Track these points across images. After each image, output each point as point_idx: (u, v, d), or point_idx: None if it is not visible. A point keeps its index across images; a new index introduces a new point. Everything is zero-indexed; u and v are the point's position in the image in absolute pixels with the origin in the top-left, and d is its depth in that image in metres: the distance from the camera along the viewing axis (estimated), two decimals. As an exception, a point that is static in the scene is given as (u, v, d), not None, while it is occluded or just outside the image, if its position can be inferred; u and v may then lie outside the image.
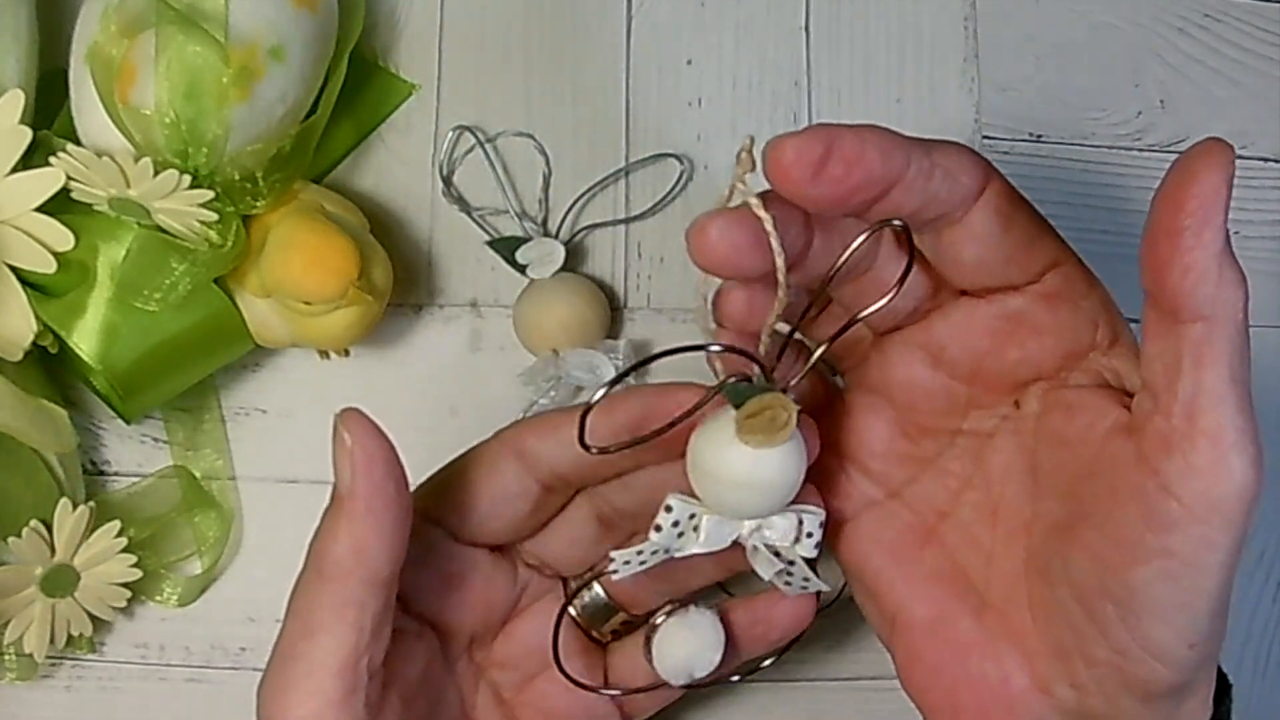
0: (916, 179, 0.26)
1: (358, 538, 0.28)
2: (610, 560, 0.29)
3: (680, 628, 0.33)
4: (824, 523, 0.29)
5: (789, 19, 0.45)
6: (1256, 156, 0.46)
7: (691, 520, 0.29)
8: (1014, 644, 0.29)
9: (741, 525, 0.29)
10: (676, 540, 0.29)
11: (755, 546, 0.29)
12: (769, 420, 0.27)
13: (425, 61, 0.43)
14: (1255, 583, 0.44)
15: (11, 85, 0.36)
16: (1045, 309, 0.29)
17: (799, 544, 0.29)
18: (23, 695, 0.40)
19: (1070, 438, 0.28)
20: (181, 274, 0.36)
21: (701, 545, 0.29)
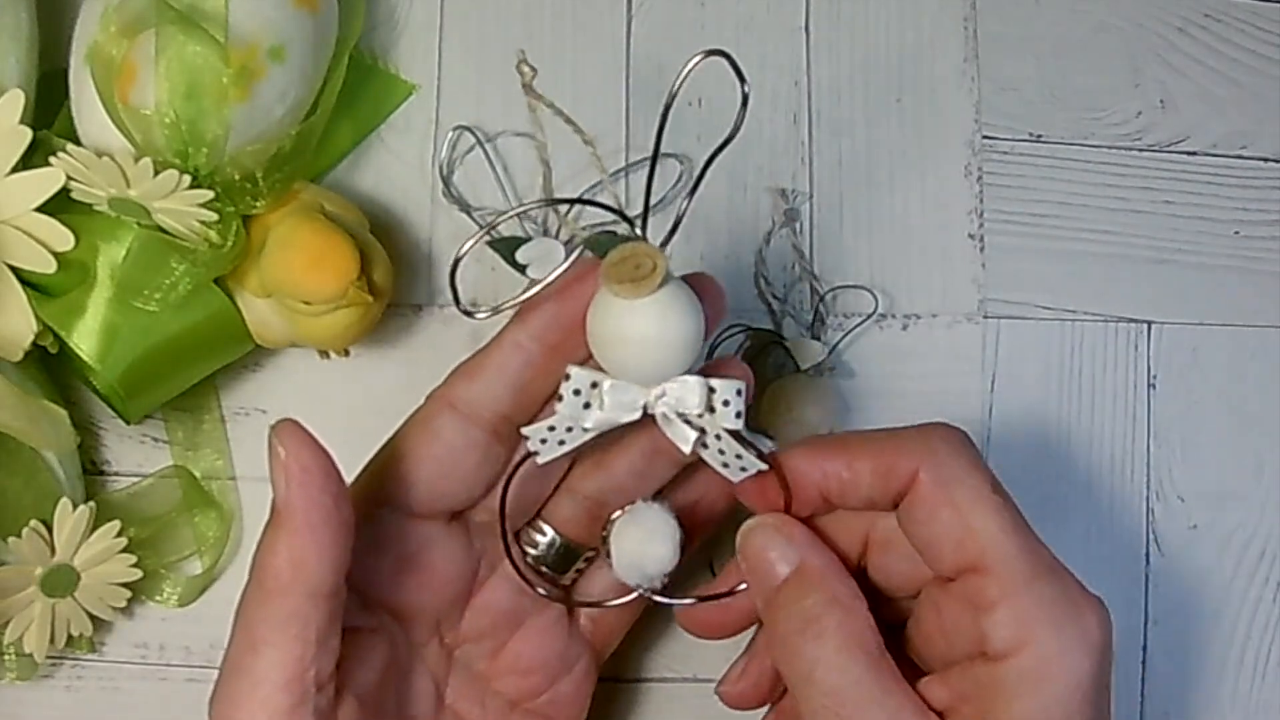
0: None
1: (296, 551, 0.28)
2: (525, 439, 0.29)
3: (628, 523, 0.32)
4: (743, 391, 0.29)
5: (789, 19, 0.45)
6: (1256, 156, 0.46)
7: (594, 389, 0.29)
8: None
9: (645, 392, 0.29)
10: (582, 411, 0.29)
11: (665, 415, 0.29)
12: (634, 267, 0.27)
13: (425, 61, 0.43)
14: (1255, 583, 0.44)
15: (11, 85, 0.36)
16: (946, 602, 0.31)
17: (715, 414, 0.29)
18: (23, 695, 0.40)
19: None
20: (181, 274, 0.36)
21: (607, 412, 0.28)
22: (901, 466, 0.30)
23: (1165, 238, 0.45)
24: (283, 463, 0.28)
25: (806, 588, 0.30)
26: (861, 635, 0.29)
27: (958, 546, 0.29)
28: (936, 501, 0.29)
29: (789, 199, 0.43)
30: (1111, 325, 0.44)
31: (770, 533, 0.31)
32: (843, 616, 0.30)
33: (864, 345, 0.43)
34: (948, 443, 0.30)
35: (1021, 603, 0.28)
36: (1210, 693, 0.43)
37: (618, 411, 0.29)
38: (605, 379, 0.29)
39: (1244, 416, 0.45)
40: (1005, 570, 0.29)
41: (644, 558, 0.32)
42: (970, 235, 0.44)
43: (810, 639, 0.29)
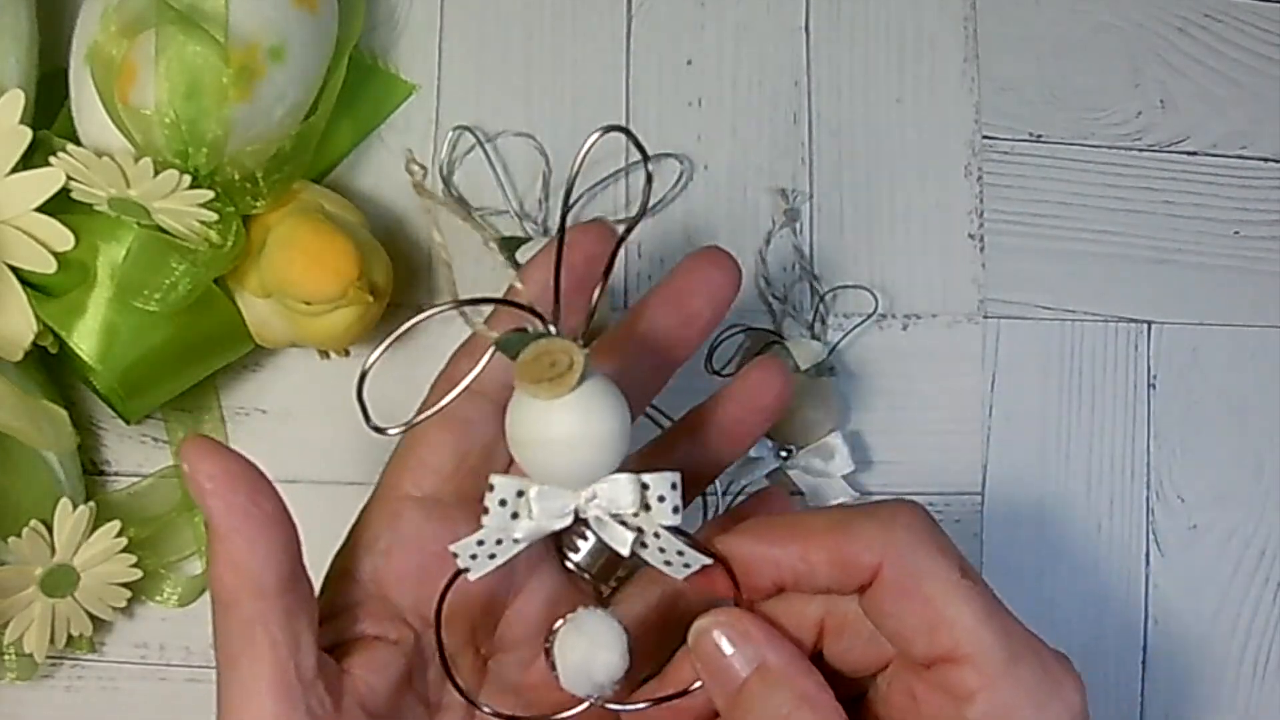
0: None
1: (230, 557, 0.28)
2: (455, 556, 0.28)
3: (572, 632, 0.30)
4: (678, 485, 0.27)
5: (789, 19, 0.45)
6: (1257, 156, 0.46)
7: (520, 498, 0.27)
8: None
9: (574, 495, 0.27)
10: (510, 521, 0.27)
11: (598, 518, 0.28)
12: (549, 365, 0.25)
13: (425, 61, 0.43)
14: (1255, 583, 0.44)
15: (11, 85, 0.35)
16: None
17: (651, 510, 0.27)
18: (23, 695, 0.40)
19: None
20: (181, 274, 0.36)
21: (537, 521, 0.27)
22: (863, 559, 0.29)
23: (1165, 238, 0.45)
24: (188, 477, 0.28)
25: (771, 687, 0.29)
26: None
27: (930, 637, 0.28)
28: (904, 594, 0.28)
29: (789, 199, 0.43)
30: (1111, 325, 0.45)
31: (725, 631, 0.30)
32: (811, 713, 0.28)
33: (864, 345, 0.43)
34: (910, 529, 0.29)
35: (1002, 689, 0.28)
36: (1210, 693, 0.43)
37: (548, 519, 0.27)
38: (531, 485, 0.27)
39: (1244, 416, 0.45)
40: (983, 658, 0.28)
41: (592, 666, 0.30)
42: (970, 235, 0.44)
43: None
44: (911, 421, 0.43)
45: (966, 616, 0.28)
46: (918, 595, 0.28)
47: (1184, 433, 0.44)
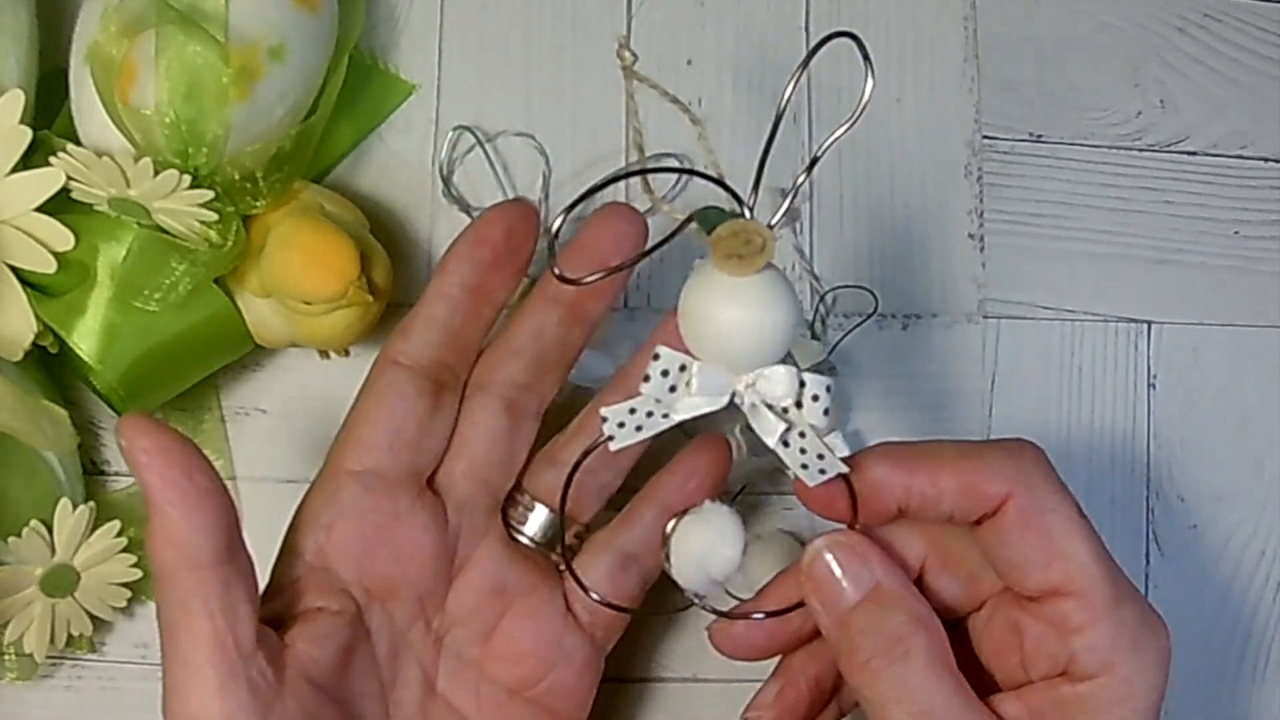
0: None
1: (165, 529, 0.28)
2: (603, 421, 0.28)
3: (695, 522, 0.31)
4: (832, 388, 0.28)
5: (789, 19, 0.45)
6: (1257, 156, 0.46)
7: (682, 372, 0.27)
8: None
9: (736, 378, 0.27)
10: (668, 394, 0.27)
11: (753, 404, 0.28)
12: (743, 243, 0.26)
13: (425, 61, 0.43)
14: (1255, 583, 0.44)
15: (11, 85, 0.35)
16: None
17: (803, 408, 0.28)
18: (23, 695, 0.40)
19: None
20: (181, 274, 0.36)
21: (696, 395, 0.27)
22: (992, 489, 0.30)
23: (1165, 238, 0.45)
24: (126, 452, 0.28)
25: (888, 609, 0.30)
26: (945, 655, 0.30)
27: (1045, 570, 0.30)
28: (1027, 527, 0.30)
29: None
30: (1111, 325, 0.45)
31: (843, 553, 0.31)
32: (928, 637, 0.30)
33: (864, 345, 0.43)
34: (1039, 465, 0.30)
35: (1106, 627, 0.29)
36: (1210, 693, 0.43)
37: (706, 396, 0.27)
38: (694, 362, 0.27)
39: (1244, 416, 0.45)
40: (1092, 595, 0.29)
41: (710, 559, 0.30)
42: (970, 235, 0.44)
43: (897, 660, 0.29)
44: (911, 421, 0.43)
45: (1082, 553, 0.29)
46: (1040, 528, 0.30)
47: (1184, 433, 0.44)
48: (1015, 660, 0.31)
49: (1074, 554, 0.29)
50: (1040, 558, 0.30)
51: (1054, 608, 0.30)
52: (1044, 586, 0.30)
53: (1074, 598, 0.29)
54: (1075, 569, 0.29)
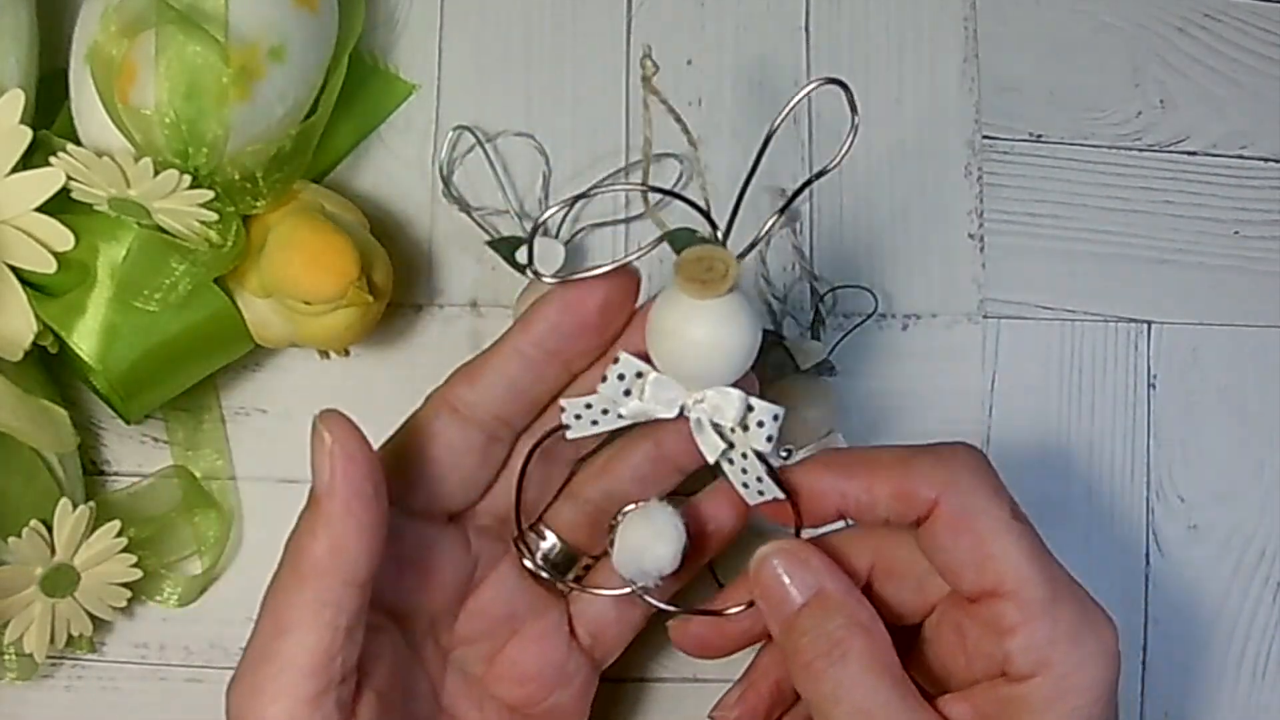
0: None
1: (336, 538, 0.28)
2: (560, 410, 0.30)
3: (638, 518, 0.32)
4: (780, 417, 0.29)
5: (789, 19, 0.45)
6: (1257, 156, 0.46)
7: (639, 379, 0.29)
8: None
9: (686, 393, 0.29)
10: (622, 396, 0.29)
11: (699, 420, 0.29)
12: (706, 269, 0.27)
13: (425, 61, 0.43)
14: (1255, 583, 0.44)
15: (11, 85, 0.36)
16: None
17: (748, 432, 0.29)
18: (23, 695, 0.40)
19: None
20: (181, 274, 0.36)
21: (646, 403, 0.29)
22: (922, 493, 0.30)
23: (1165, 238, 0.45)
24: (327, 449, 0.28)
25: (829, 612, 0.31)
26: (886, 657, 0.30)
27: (979, 572, 0.30)
28: (958, 529, 0.30)
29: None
30: (1111, 325, 0.44)
31: (787, 558, 0.31)
32: (866, 639, 0.30)
33: (864, 345, 0.43)
34: (969, 469, 0.31)
35: (1042, 625, 0.29)
36: (1210, 693, 0.43)
37: (656, 405, 0.29)
38: (651, 371, 0.29)
39: (1244, 416, 0.45)
40: (1025, 594, 0.29)
41: (645, 554, 0.32)
42: (970, 235, 0.44)
43: (836, 661, 0.30)
44: (911, 421, 0.43)
45: (1013, 554, 0.30)
46: (970, 530, 0.30)
47: (1184, 433, 0.44)
48: (962, 662, 0.32)
49: (1005, 555, 0.30)
50: (972, 559, 0.30)
51: (989, 609, 0.30)
52: (978, 588, 0.30)
53: (1007, 598, 0.29)
54: (1007, 569, 0.30)
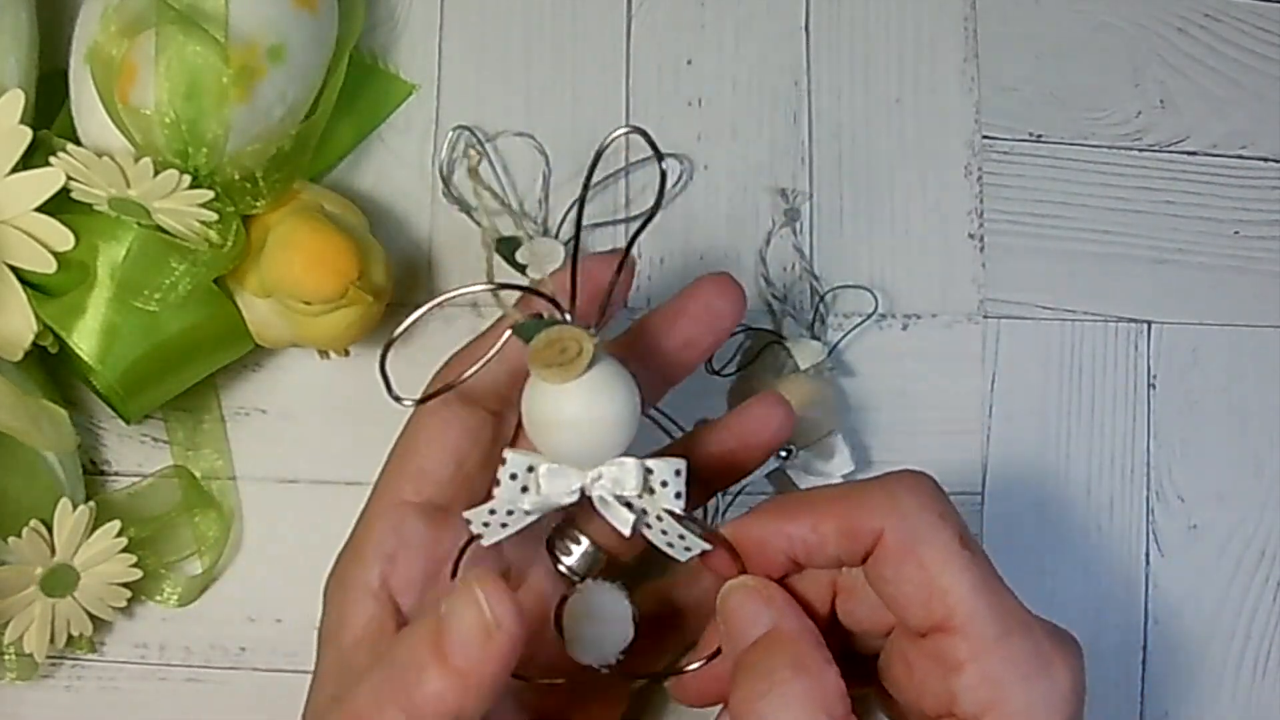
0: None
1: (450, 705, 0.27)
2: (467, 523, 0.29)
3: (579, 604, 0.32)
4: (682, 471, 0.28)
5: (789, 19, 0.45)
6: (1256, 156, 0.46)
7: (530, 473, 0.28)
8: None
9: (581, 475, 0.28)
10: (520, 495, 0.28)
11: (602, 498, 0.29)
12: (559, 351, 0.27)
13: (425, 61, 0.43)
14: (1255, 582, 0.44)
15: (11, 85, 0.36)
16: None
17: (655, 494, 0.29)
18: (23, 695, 0.40)
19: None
20: (181, 274, 0.36)
21: (545, 496, 0.28)
22: (866, 525, 0.29)
23: (1165, 238, 0.45)
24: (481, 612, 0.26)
25: (775, 650, 0.30)
26: (827, 702, 0.28)
27: (925, 605, 0.29)
28: (902, 560, 0.29)
29: (789, 199, 0.43)
30: (1111, 325, 0.45)
31: (748, 594, 0.31)
32: (809, 683, 0.29)
33: (864, 345, 0.43)
34: (914, 495, 0.30)
35: (991, 662, 0.28)
36: (1210, 693, 0.43)
37: (555, 495, 0.28)
38: (542, 462, 0.28)
39: (1244, 416, 0.45)
40: (974, 629, 0.28)
41: (602, 641, 0.31)
42: (970, 235, 0.44)
43: (772, 702, 0.28)
44: (911, 421, 0.43)
45: (961, 586, 0.28)
46: (915, 561, 0.29)
47: (1184, 433, 0.44)
48: (912, 695, 0.31)
49: (951, 587, 0.28)
50: (918, 592, 0.29)
51: (937, 643, 0.29)
52: (926, 622, 0.29)
53: (955, 633, 0.28)
54: (955, 603, 0.28)
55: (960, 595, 0.28)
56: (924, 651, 0.29)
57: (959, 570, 0.28)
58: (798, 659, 0.29)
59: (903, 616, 0.30)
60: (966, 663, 0.28)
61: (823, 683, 0.29)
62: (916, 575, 0.29)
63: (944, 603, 0.28)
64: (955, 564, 0.29)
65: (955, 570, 0.28)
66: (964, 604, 0.28)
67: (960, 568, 0.28)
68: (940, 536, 0.29)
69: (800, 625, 0.30)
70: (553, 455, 0.28)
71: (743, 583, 0.31)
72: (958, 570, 0.28)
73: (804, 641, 0.30)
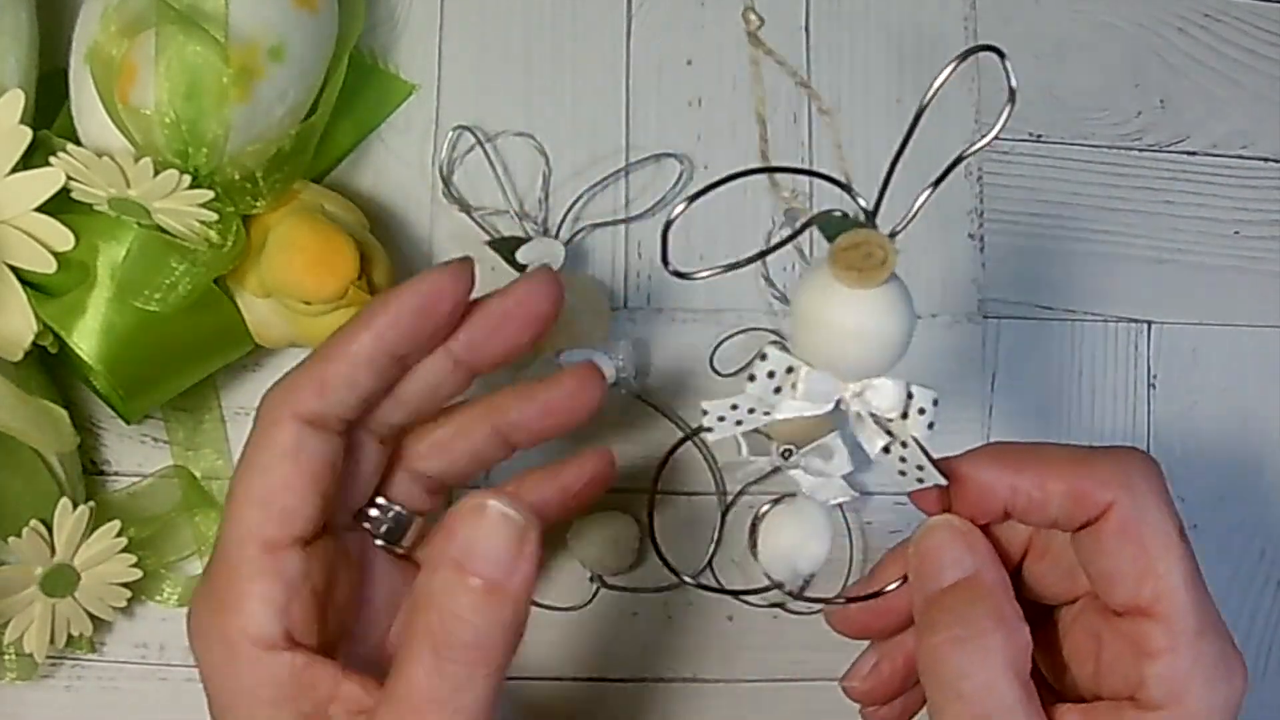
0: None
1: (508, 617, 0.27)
2: (703, 413, 0.28)
3: (788, 516, 0.31)
4: (939, 401, 0.28)
5: (789, 19, 0.45)
6: (1257, 156, 0.46)
7: (790, 375, 0.27)
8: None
9: (843, 386, 0.27)
10: (773, 395, 0.27)
11: (859, 414, 0.28)
12: (864, 255, 0.25)
13: (425, 61, 0.43)
14: (1255, 583, 0.44)
15: (11, 85, 0.36)
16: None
17: (908, 420, 0.28)
18: (23, 695, 0.40)
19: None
20: (181, 274, 0.36)
21: (800, 400, 0.27)
22: (1097, 495, 0.29)
23: (1165, 238, 0.45)
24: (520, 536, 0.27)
25: (977, 597, 0.30)
26: (1019, 660, 0.29)
27: (1136, 586, 0.29)
28: (1125, 538, 0.29)
29: (789, 199, 0.43)
30: (1111, 325, 0.45)
31: (952, 535, 0.31)
32: (1006, 637, 0.29)
33: (864, 345, 0.43)
34: (1145, 477, 0.30)
35: (1185, 657, 0.28)
36: (1210, 693, 0.43)
37: (812, 401, 0.27)
38: (802, 365, 0.27)
39: (1244, 416, 0.45)
40: (1177, 621, 0.28)
41: (798, 555, 0.30)
42: (970, 235, 0.44)
43: (969, 652, 0.29)
44: (911, 421, 0.43)
45: (1174, 575, 0.29)
46: (1137, 541, 0.29)
47: (1184, 433, 0.44)
48: (1090, 669, 0.31)
49: (1167, 574, 0.29)
50: (1133, 572, 0.29)
51: (1136, 626, 0.29)
52: (1131, 603, 0.29)
53: (1158, 620, 0.28)
54: (1165, 590, 0.29)
55: (1172, 584, 0.29)
56: (1118, 631, 0.30)
57: (1176, 560, 0.29)
58: (999, 611, 0.30)
59: (1107, 591, 0.30)
60: (1163, 652, 0.28)
61: (1018, 640, 0.29)
62: (1135, 555, 0.29)
63: (1155, 588, 0.29)
64: (1174, 553, 0.29)
65: (1173, 559, 0.29)
66: (1174, 594, 0.29)
67: (1177, 558, 0.29)
68: (1165, 523, 0.29)
69: (1000, 576, 0.31)
70: (820, 360, 0.27)
71: (948, 521, 0.31)
72: (1175, 559, 0.29)
73: (1003, 593, 0.30)
